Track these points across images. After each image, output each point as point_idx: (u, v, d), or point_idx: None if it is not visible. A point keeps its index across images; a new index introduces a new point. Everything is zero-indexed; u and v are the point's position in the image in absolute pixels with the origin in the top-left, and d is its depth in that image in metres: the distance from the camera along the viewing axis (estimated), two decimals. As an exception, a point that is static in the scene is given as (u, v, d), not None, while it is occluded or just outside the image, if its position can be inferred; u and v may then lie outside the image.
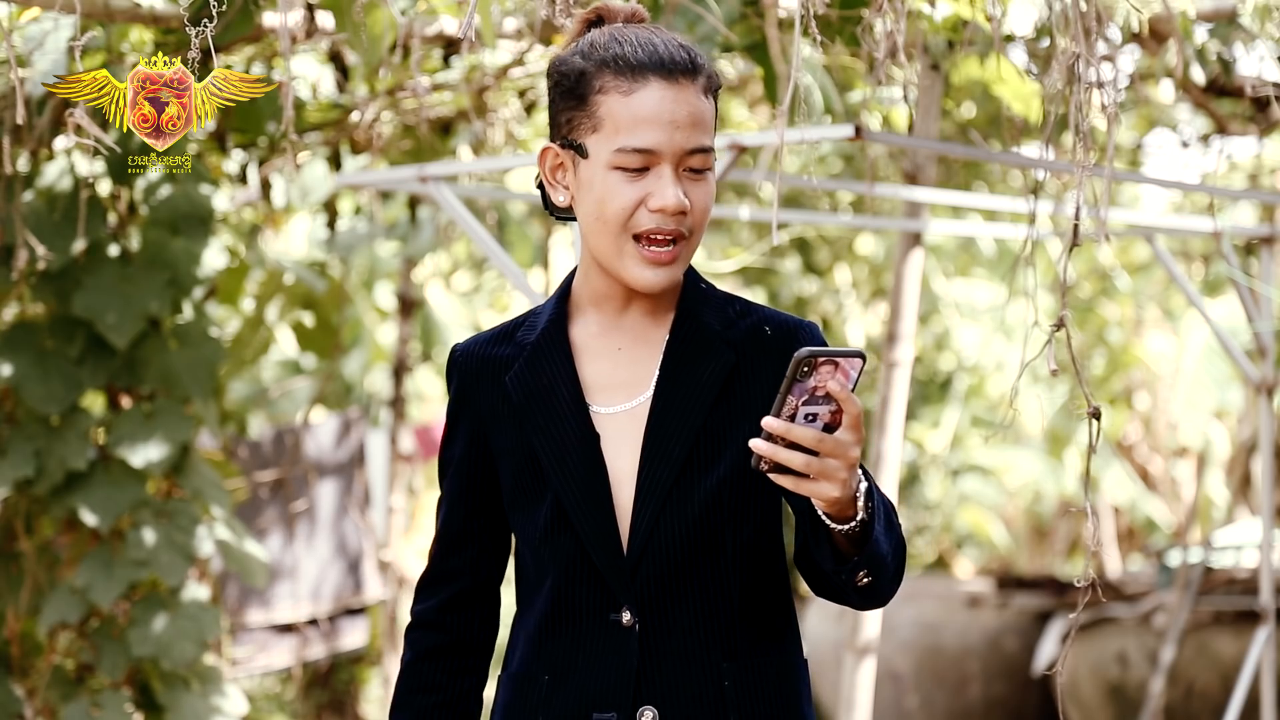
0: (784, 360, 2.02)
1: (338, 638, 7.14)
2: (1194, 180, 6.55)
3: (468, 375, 2.27)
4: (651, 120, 2.11)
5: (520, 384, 2.22)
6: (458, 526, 2.30)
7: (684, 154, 2.13)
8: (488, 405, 2.24)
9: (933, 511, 11.20)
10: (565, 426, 2.19)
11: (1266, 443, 5.15)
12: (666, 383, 2.18)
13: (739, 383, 2.19)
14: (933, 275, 9.50)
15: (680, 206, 2.12)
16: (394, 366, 7.36)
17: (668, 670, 2.15)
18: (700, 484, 2.16)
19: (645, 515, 2.15)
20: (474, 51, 4.54)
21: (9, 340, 4.33)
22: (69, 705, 4.33)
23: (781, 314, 2.25)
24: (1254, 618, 5.47)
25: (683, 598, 2.15)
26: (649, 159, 2.12)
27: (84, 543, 4.43)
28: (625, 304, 2.22)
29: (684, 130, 2.12)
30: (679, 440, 2.15)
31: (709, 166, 2.16)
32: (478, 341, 2.29)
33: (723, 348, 2.19)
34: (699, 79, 2.15)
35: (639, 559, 2.15)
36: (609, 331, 2.23)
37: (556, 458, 2.18)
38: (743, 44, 3.91)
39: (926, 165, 4.54)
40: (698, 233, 2.17)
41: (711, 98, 2.18)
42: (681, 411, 2.16)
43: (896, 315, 4.37)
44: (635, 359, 2.22)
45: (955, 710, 7.47)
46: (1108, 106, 2.75)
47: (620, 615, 2.16)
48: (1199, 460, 9.80)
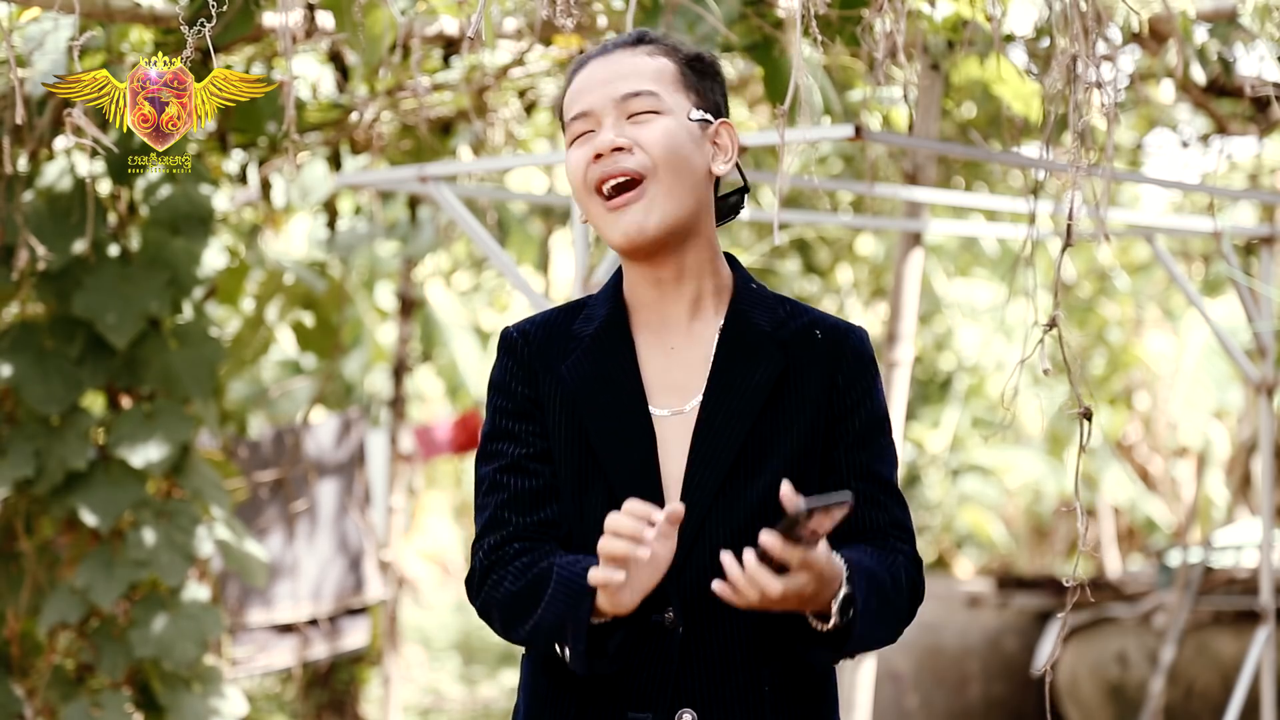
0: (831, 363, 2.15)
1: (338, 638, 7.13)
2: (1194, 180, 6.55)
3: (526, 354, 2.25)
4: (583, 89, 2.21)
5: (578, 374, 2.21)
6: (544, 483, 2.20)
7: (618, 103, 2.18)
8: (545, 388, 2.23)
9: (933, 511, 11.20)
10: (625, 423, 2.19)
11: (1266, 443, 5.15)
12: (716, 388, 2.19)
13: (787, 387, 2.19)
14: (933, 275, 9.51)
15: (611, 144, 2.15)
16: (394, 366, 7.36)
17: (708, 673, 2.15)
18: (747, 489, 2.16)
19: (692, 518, 2.14)
20: (474, 51, 4.54)
21: (9, 340, 4.33)
22: (69, 705, 4.33)
23: (831, 317, 2.26)
24: (1254, 618, 5.47)
25: (723, 604, 2.13)
26: (589, 121, 2.19)
27: (84, 543, 4.43)
28: (661, 297, 2.22)
29: (613, 84, 2.19)
30: (726, 446, 2.16)
31: (656, 109, 2.18)
32: (535, 324, 2.29)
33: (773, 349, 2.20)
34: (641, 47, 2.22)
35: (685, 561, 2.14)
36: (661, 330, 2.23)
37: (614, 452, 2.18)
38: (743, 44, 3.91)
39: (926, 165, 4.54)
40: (664, 170, 2.16)
41: (671, 61, 2.21)
42: (730, 417, 2.17)
43: (896, 315, 4.37)
44: (688, 360, 2.22)
45: (955, 710, 7.47)
46: (1107, 106, 2.75)
47: (664, 616, 2.15)
48: (1199, 460, 9.80)
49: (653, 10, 3.78)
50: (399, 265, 7.53)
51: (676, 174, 2.17)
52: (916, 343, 6.57)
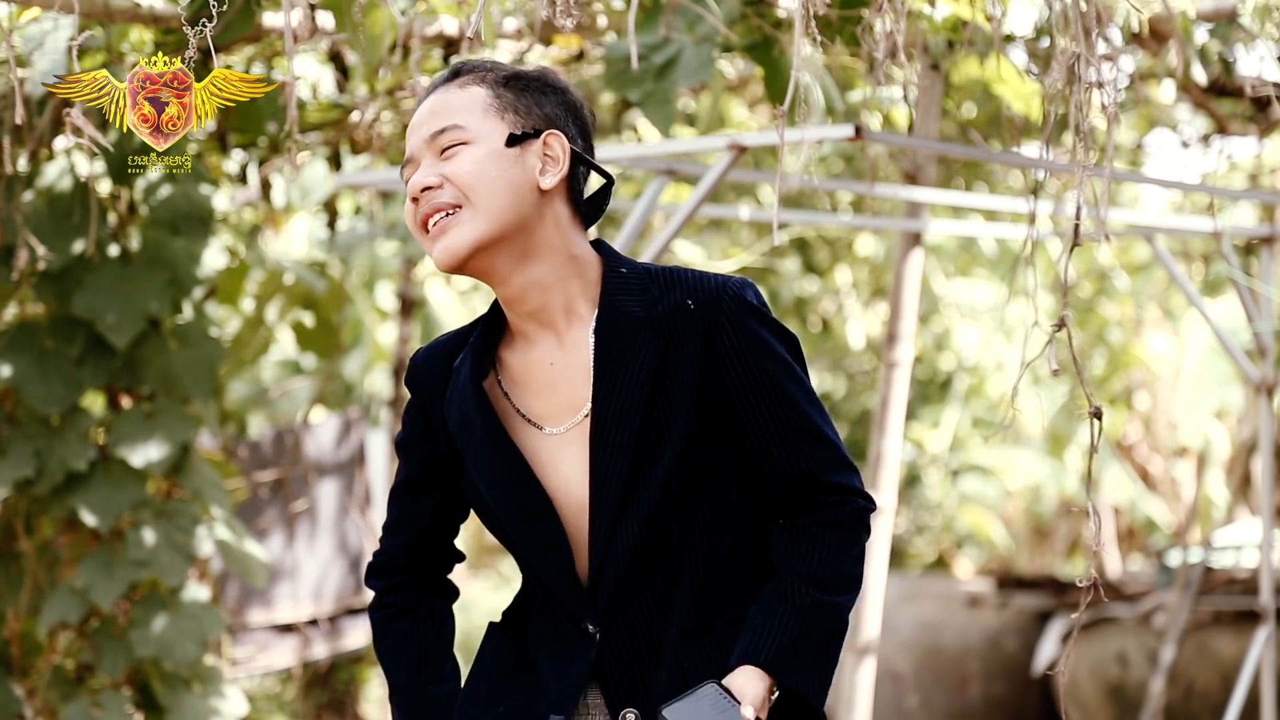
0: (709, 330, 2.16)
1: (338, 638, 7.13)
2: (1194, 180, 6.55)
3: (421, 386, 2.32)
4: (409, 135, 2.26)
5: (452, 413, 2.27)
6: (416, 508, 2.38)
7: (428, 143, 2.22)
8: (438, 415, 2.30)
9: (933, 511, 11.21)
10: (489, 455, 2.24)
11: (1266, 443, 5.14)
12: (601, 389, 2.20)
13: (668, 369, 2.19)
14: (933, 275, 9.51)
15: (420, 185, 2.20)
16: (394, 366, 7.36)
17: (632, 668, 2.20)
18: (647, 480, 2.18)
19: (601, 536, 2.19)
20: (474, 51, 4.53)
21: (9, 340, 4.33)
22: (69, 705, 4.33)
23: (707, 277, 2.24)
24: (1254, 618, 5.47)
25: (639, 596, 2.20)
26: (411, 167, 2.24)
27: (84, 543, 4.43)
28: (525, 309, 2.24)
29: (424, 125, 2.23)
30: (623, 447, 2.18)
31: (461, 141, 2.21)
32: (434, 350, 2.34)
33: (647, 335, 2.20)
34: (455, 81, 2.25)
35: (598, 580, 2.20)
36: (537, 344, 2.25)
37: (490, 487, 2.25)
38: (743, 44, 3.91)
39: (926, 165, 4.54)
40: (475, 196, 2.19)
41: (483, 87, 2.23)
42: (619, 418, 2.18)
43: (896, 315, 4.37)
44: (570, 370, 2.23)
45: (955, 710, 7.47)
46: (1108, 106, 2.75)
47: (585, 626, 2.22)
48: (1199, 460, 9.80)
49: (653, 10, 3.78)
50: (399, 265, 7.53)
51: (491, 196, 2.19)
52: (916, 343, 6.57)
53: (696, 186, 3.82)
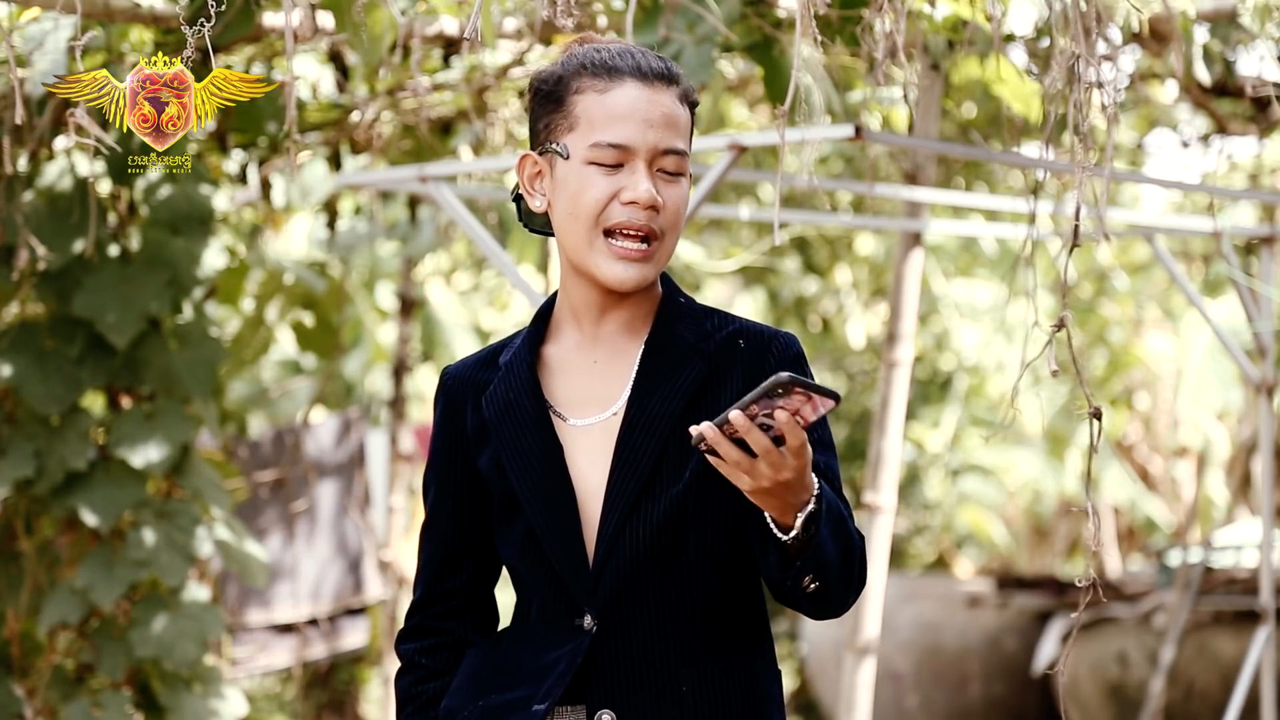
0: (753, 369, 2.15)
1: (338, 638, 7.13)
2: (1194, 180, 6.55)
3: (453, 398, 2.30)
4: (626, 116, 2.15)
5: (492, 403, 2.25)
6: (455, 544, 2.31)
7: (657, 153, 2.16)
8: (472, 426, 2.27)
9: (933, 511, 11.20)
10: (529, 440, 2.21)
11: (1266, 443, 5.14)
12: (638, 395, 2.20)
13: (708, 391, 2.20)
14: (933, 275, 9.50)
15: (652, 200, 2.15)
16: (394, 366, 7.35)
17: (625, 673, 2.17)
18: (666, 492, 2.17)
19: (610, 525, 2.17)
20: (474, 51, 4.54)
21: (9, 340, 4.33)
22: (69, 705, 4.33)
23: (760, 326, 2.27)
24: (1254, 618, 5.47)
25: (643, 602, 2.18)
26: (623, 154, 2.15)
27: (84, 543, 4.43)
28: (601, 316, 2.24)
29: (658, 129, 2.16)
30: (648, 451, 2.17)
31: (683, 171, 2.19)
32: (466, 365, 2.33)
33: (695, 359, 2.21)
34: (674, 87, 2.19)
35: (603, 569, 2.18)
36: (585, 346, 2.25)
37: (521, 471, 2.21)
38: (743, 44, 3.91)
39: (926, 165, 4.54)
40: (670, 235, 2.19)
41: (687, 108, 2.21)
42: (651, 422, 2.18)
43: (896, 315, 4.37)
44: (610, 373, 2.23)
45: (955, 710, 7.48)
46: (1108, 106, 2.75)
47: (582, 620, 2.19)
48: (1199, 460, 9.79)
49: (652, 10, 3.78)
50: (399, 265, 7.53)
51: (676, 238, 2.22)
52: (916, 343, 6.57)
53: (697, 186, 3.82)
